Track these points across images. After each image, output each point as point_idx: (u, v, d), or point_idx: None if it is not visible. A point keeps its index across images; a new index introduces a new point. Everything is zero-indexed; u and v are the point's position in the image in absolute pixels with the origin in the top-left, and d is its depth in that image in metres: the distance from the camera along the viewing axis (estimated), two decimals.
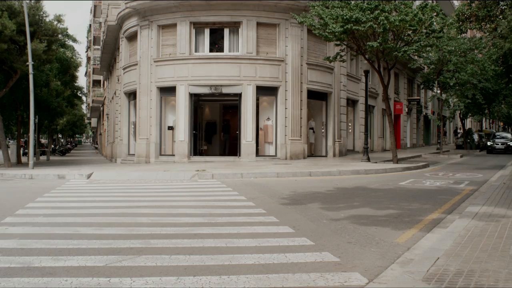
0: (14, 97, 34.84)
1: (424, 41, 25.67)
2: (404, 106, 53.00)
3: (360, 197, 14.54)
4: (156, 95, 31.45)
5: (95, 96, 74.07)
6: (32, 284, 6.23)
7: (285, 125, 30.69)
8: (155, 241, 8.64)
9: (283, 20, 30.62)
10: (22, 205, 13.25)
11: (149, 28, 31.59)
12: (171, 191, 16.86)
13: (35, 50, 27.74)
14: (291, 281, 6.29)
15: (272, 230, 9.56)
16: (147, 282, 6.30)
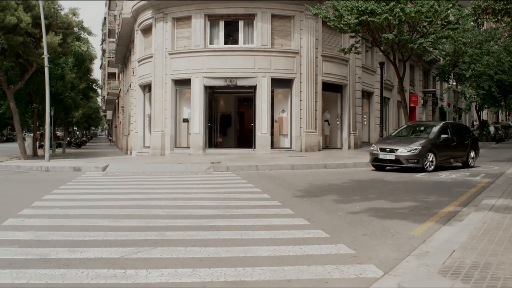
0: (29, 90, 34.97)
1: (440, 32, 25.51)
2: (419, 98, 52.74)
3: (375, 190, 14.52)
4: (171, 87, 31.47)
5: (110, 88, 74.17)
6: (49, 276, 6.27)
7: (300, 117, 30.62)
8: (171, 233, 8.66)
9: (298, 12, 30.52)
10: (39, 197, 13.32)
11: (164, 20, 31.59)
12: (186, 184, 16.89)
13: (50, 43, 27.81)
14: (306, 273, 6.29)
15: (287, 222, 9.56)
16: (162, 273, 6.32)
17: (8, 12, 25.84)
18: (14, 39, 26.59)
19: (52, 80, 33.55)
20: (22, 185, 17.86)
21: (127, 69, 45.78)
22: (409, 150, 20.60)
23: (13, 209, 11.19)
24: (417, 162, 20.38)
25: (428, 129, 22.98)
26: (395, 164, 20.94)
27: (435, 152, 20.95)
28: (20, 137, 31.42)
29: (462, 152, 22.58)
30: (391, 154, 20.88)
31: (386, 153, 21.00)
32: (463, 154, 22.56)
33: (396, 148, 20.90)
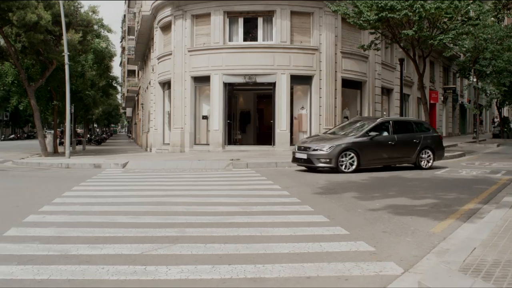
0: (50, 88, 35.19)
1: (460, 28, 25.33)
2: (439, 95, 52.52)
3: (395, 187, 14.46)
4: (191, 84, 31.54)
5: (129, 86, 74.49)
6: (70, 272, 6.31)
7: (320, 114, 30.57)
8: (190, 229, 8.68)
9: (317, 8, 30.47)
10: (59, 193, 13.41)
11: (183, 18, 31.66)
12: (206, 180, 16.93)
13: (70, 40, 27.98)
14: (326, 270, 6.28)
15: (306, 219, 9.56)
16: (182, 270, 6.34)
17: (28, 10, 26.02)
18: (35, 36, 26.78)
19: (72, 78, 33.75)
20: (43, 182, 17.99)
21: (147, 67, 45.94)
22: (321, 149, 19.36)
23: (34, 206, 11.28)
24: (329, 162, 19.03)
25: (365, 126, 20.65)
26: (307, 164, 19.78)
27: (358, 151, 19.21)
28: (41, 134, 31.63)
29: (407, 151, 20.37)
30: (304, 153, 19.77)
31: (301, 152, 19.89)
32: (409, 153, 20.36)
33: (309, 147, 19.75)
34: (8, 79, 35.21)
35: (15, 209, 11.26)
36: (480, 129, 60.80)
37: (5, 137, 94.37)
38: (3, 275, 6.19)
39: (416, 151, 20.39)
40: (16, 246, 7.61)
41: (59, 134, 46.06)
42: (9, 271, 6.35)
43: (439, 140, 21.70)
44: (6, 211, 11.02)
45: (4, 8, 26.06)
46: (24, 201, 12.67)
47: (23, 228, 8.94)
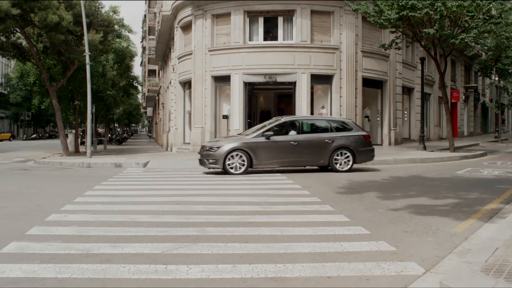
0: (71, 87, 35.43)
1: (482, 27, 25.11)
2: (461, 94, 52.19)
3: (416, 186, 14.39)
4: (211, 84, 31.60)
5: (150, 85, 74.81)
6: (91, 271, 6.34)
7: (340, 114, 30.50)
8: (211, 229, 8.70)
9: (337, 7, 30.41)
10: (81, 193, 13.49)
11: (203, 17, 31.73)
12: (226, 179, 16.94)
13: (91, 40, 28.14)
14: (347, 270, 6.27)
15: (327, 219, 9.54)
16: (203, 269, 6.35)
17: (50, 11, 26.23)
18: (56, 37, 26.98)
19: (93, 78, 33.95)
20: (65, 181, 18.11)
21: (167, 66, 46.09)
22: (210, 149, 19.06)
23: (56, 205, 11.36)
24: (215, 162, 18.74)
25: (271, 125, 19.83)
26: (201, 164, 19.63)
27: (249, 152, 18.60)
28: (63, 134, 31.85)
29: (316, 153, 19.11)
30: (200, 153, 19.64)
31: (202, 152, 19.56)
32: (318, 155, 19.09)
33: (205, 146, 19.77)
34: (30, 79, 35.50)
35: (37, 208, 11.34)
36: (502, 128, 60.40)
37: (27, 136, 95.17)
38: (25, 274, 6.25)
39: (328, 152, 19.07)
40: (39, 245, 7.66)
41: (80, 134, 46.33)
42: (32, 269, 6.41)
43: (364, 141, 19.72)
44: (29, 210, 11.10)
45: (26, 9, 26.27)
46: (46, 200, 12.76)
47: (45, 227, 9.01)
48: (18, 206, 11.72)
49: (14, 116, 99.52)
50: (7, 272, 6.31)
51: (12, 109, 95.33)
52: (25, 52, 31.08)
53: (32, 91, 38.47)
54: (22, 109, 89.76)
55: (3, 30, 27.82)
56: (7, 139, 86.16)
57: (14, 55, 31.70)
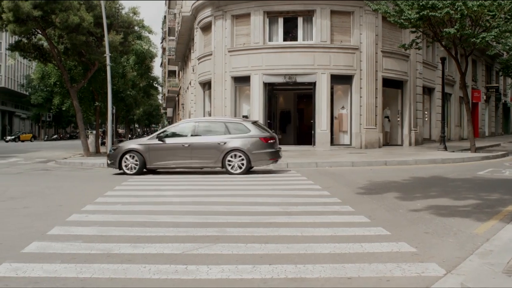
0: (92, 88, 35.67)
1: (503, 26, 24.90)
2: (482, 94, 51.82)
3: (437, 187, 14.31)
4: (231, 84, 31.65)
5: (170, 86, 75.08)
6: (112, 271, 6.37)
7: (360, 114, 30.45)
8: (231, 229, 8.70)
9: (357, 7, 30.34)
10: (101, 193, 13.56)
11: (223, 18, 31.78)
12: (246, 180, 16.94)
13: (112, 41, 28.30)
14: (367, 271, 6.24)
15: (347, 220, 9.51)
16: (223, 270, 6.35)
17: (71, 12, 26.42)
18: (77, 38, 27.17)
19: (114, 78, 34.15)
20: (85, 181, 18.22)
21: (187, 67, 46.24)
22: (112, 149, 20.53)
23: (77, 205, 11.43)
24: (113, 163, 19.67)
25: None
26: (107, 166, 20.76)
27: (143, 153, 19.34)
28: (83, 135, 32.09)
29: (208, 155, 19.20)
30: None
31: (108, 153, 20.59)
32: (210, 157, 19.14)
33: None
34: (51, 80, 35.81)
35: (58, 208, 11.43)
36: None
37: (48, 137, 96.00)
38: (47, 273, 6.29)
39: (220, 155, 19.02)
40: (60, 245, 7.72)
41: (101, 134, 46.59)
42: (53, 269, 6.45)
43: (260, 143, 19.24)
44: (50, 210, 11.19)
45: (47, 10, 26.48)
46: (67, 200, 12.85)
47: (67, 227, 9.07)
48: (39, 206, 11.83)
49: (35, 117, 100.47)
50: (29, 271, 6.37)
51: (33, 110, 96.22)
52: (46, 53, 31.33)
53: (53, 92, 38.78)
54: (43, 110, 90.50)
55: (24, 31, 28.07)
56: (29, 140, 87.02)
57: (35, 57, 31.97)
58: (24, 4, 25.57)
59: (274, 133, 21.20)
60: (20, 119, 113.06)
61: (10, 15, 25.77)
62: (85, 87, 33.62)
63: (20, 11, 25.65)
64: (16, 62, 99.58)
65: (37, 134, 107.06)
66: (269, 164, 20.06)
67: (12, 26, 26.61)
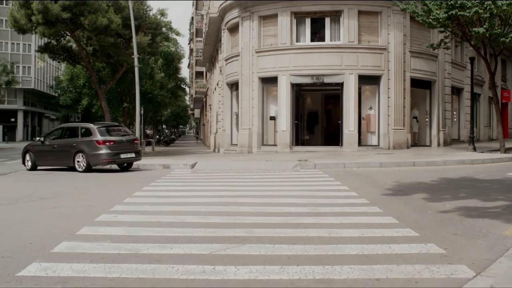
0: (120, 90, 35.95)
1: None
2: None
3: (466, 188, 14.18)
4: (258, 85, 31.67)
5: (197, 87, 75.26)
6: (140, 271, 6.41)
7: (388, 114, 30.29)
8: (259, 230, 8.71)
9: (385, 7, 30.19)
10: (130, 193, 13.66)
11: (250, 19, 31.82)
12: (274, 181, 16.96)
13: (140, 43, 28.49)
14: (395, 272, 6.21)
15: (375, 221, 9.47)
16: (251, 270, 6.36)
17: (99, 14, 26.64)
18: (105, 40, 27.41)
19: (142, 80, 34.42)
20: (114, 182, 18.35)
21: (215, 68, 46.32)
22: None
23: (105, 205, 11.52)
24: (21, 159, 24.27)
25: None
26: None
27: (33, 153, 23.56)
28: None
29: (65, 155, 22.53)
30: None
31: None
32: (66, 157, 22.46)
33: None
34: (79, 82, 36.17)
35: (87, 208, 11.53)
36: None
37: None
38: (76, 273, 6.35)
39: (71, 155, 22.19)
40: (89, 245, 7.78)
41: None
42: (82, 269, 6.51)
43: (94, 145, 21.88)
44: (79, 210, 11.29)
45: (76, 12, 26.72)
46: (96, 200, 12.96)
47: (95, 227, 9.14)
48: (68, 206, 11.94)
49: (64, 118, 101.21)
50: (59, 271, 6.43)
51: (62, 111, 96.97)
52: (75, 55, 31.64)
53: (82, 93, 39.12)
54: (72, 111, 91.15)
55: (54, 33, 28.38)
56: None
57: (64, 58, 32.29)
58: (53, 6, 25.84)
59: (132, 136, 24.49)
60: (50, 120, 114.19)
61: (40, 17, 26.05)
62: (113, 88, 33.92)
63: (49, 13, 25.92)
64: (46, 64, 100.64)
65: None
66: (105, 165, 22.95)
67: (41, 28, 26.91)
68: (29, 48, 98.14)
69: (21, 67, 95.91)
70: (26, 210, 11.57)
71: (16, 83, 67.20)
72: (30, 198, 13.58)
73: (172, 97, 54.32)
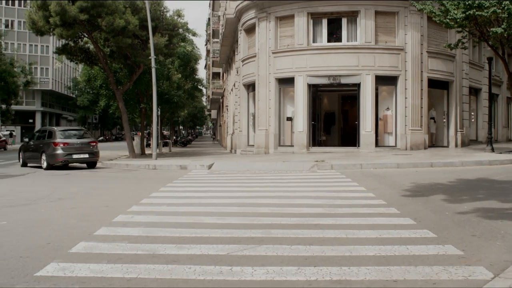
0: (137, 91, 36.02)
1: None
2: None
3: (484, 189, 14.10)
4: (275, 86, 31.65)
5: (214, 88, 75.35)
6: (157, 271, 6.44)
7: (405, 115, 30.16)
8: (276, 231, 8.71)
9: (402, 7, 30.06)
10: (147, 194, 13.71)
11: (267, 20, 31.81)
12: (291, 182, 16.95)
13: (157, 44, 28.55)
14: (413, 274, 6.19)
15: (393, 222, 9.44)
16: (268, 271, 6.36)
17: (117, 16, 26.73)
18: (123, 41, 27.49)
19: (159, 81, 34.49)
20: (131, 182, 18.43)
21: (231, 69, 46.37)
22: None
23: (123, 206, 11.57)
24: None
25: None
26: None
27: (22, 152, 28.37)
28: (129, 136, 32.43)
29: (38, 154, 26.30)
30: None
31: None
32: (39, 156, 26.13)
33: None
34: (97, 83, 36.29)
35: (105, 209, 11.59)
36: None
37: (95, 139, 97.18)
38: (94, 273, 6.39)
39: (40, 154, 25.97)
40: (106, 245, 7.83)
41: (146, 136, 47.06)
42: (100, 269, 6.55)
43: (52, 146, 25.25)
44: (97, 210, 11.36)
45: (94, 14, 26.82)
46: (113, 201, 13.02)
47: (113, 228, 9.19)
48: (86, 207, 12.01)
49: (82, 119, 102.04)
50: (76, 271, 6.48)
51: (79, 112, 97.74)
52: (92, 56, 31.77)
53: (99, 94, 39.28)
54: (89, 112, 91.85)
55: (71, 35, 28.49)
56: None
57: (81, 60, 32.43)
58: (71, 8, 25.95)
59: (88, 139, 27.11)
60: (67, 121, 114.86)
61: (57, 19, 26.17)
62: (130, 89, 33.98)
63: (67, 15, 26.03)
64: (63, 65, 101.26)
65: None
66: (59, 164, 25.42)
67: (59, 30, 27.02)
68: (47, 49, 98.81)
69: (39, 68, 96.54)
70: (44, 210, 11.65)
71: (34, 84, 67.60)
72: (48, 199, 13.68)
73: (189, 98, 54.40)
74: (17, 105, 65.84)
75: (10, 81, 53.25)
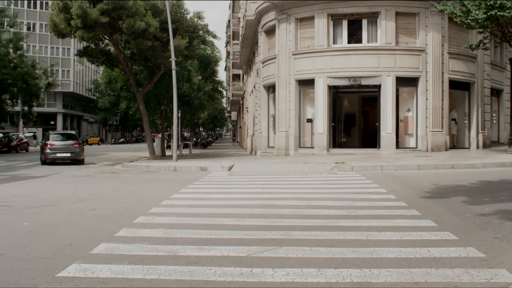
0: (158, 92, 36.16)
1: None
2: None
3: (506, 191, 14.00)
4: (295, 87, 31.62)
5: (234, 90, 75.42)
6: (178, 272, 6.45)
7: (426, 117, 29.99)
8: (296, 232, 8.70)
9: (423, 8, 29.90)
10: (167, 196, 13.75)
11: (287, 21, 31.80)
12: (311, 183, 16.93)
13: (177, 46, 28.64)
14: (434, 276, 6.15)
15: (413, 224, 9.39)
16: (288, 273, 6.36)
17: (137, 18, 26.87)
18: (143, 43, 27.62)
19: (179, 82, 34.54)
20: (152, 184, 18.50)
21: (251, 70, 46.39)
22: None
23: (143, 207, 11.62)
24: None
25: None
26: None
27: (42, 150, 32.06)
28: (149, 138, 32.57)
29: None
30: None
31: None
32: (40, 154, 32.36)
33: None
34: (117, 85, 36.46)
35: (125, 210, 11.65)
36: None
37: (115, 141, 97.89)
38: (114, 274, 6.42)
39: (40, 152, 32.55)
40: (127, 246, 7.87)
41: (166, 138, 47.22)
42: (121, 270, 6.58)
43: (43, 146, 31.61)
44: (117, 212, 11.41)
45: (114, 16, 26.98)
46: (134, 202, 13.08)
47: (133, 229, 9.23)
48: (107, 208, 12.07)
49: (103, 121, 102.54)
50: (97, 272, 6.51)
51: (100, 114, 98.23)
52: (113, 58, 31.94)
53: (120, 96, 39.47)
54: (110, 114, 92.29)
55: (92, 37, 28.69)
56: (96, 143, 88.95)
57: (102, 62, 32.63)
58: (92, 11, 26.12)
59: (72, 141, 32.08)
60: (88, 123, 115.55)
61: (79, 22, 26.35)
62: (151, 91, 34.13)
63: (88, 17, 26.20)
64: (84, 68, 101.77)
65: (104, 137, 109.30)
66: (49, 160, 30.76)
67: (80, 33, 27.22)
68: (68, 52, 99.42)
69: (60, 70, 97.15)
70: (66, 211, 11.73)
71: (55, 86, 68.07)
72: (69, 200, 13.77)
73: (209, 99, 54.49)
74: (38, 107, 66.39)
75: (32, 83, 53.62)
